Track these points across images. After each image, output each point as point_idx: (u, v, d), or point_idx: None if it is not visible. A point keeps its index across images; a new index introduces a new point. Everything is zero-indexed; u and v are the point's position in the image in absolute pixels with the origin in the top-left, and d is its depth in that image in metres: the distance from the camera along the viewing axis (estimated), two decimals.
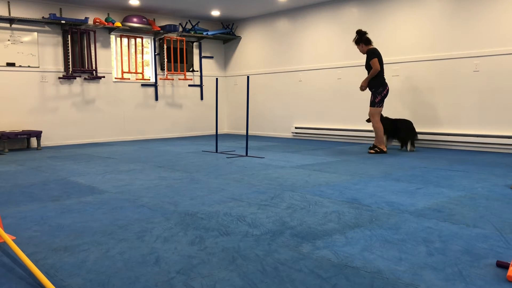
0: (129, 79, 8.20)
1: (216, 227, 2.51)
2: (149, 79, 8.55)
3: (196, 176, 4.22)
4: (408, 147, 6.02)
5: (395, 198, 3.19)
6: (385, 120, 6.13)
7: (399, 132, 6.03)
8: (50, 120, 7.29)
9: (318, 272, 1.85)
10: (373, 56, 5.69)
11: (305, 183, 3.81)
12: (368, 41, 5.82)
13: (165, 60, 8.50)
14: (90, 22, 7.52)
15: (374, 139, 6.48)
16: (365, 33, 5.83)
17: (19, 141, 7.03)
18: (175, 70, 8.64)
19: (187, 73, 8.94)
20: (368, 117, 6.40)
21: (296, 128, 8.18)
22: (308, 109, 8.03)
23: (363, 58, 7.13)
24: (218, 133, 7.64)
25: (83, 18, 7.45)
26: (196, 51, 9.11)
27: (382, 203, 3.04)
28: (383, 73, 5.80)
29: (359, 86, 5.92)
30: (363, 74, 7.14)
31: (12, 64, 6.85)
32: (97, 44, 7.73)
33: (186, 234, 2.39)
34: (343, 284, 1.73)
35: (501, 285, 1.70)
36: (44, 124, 7.22)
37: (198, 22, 8.90)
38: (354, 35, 7.22)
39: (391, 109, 6.80)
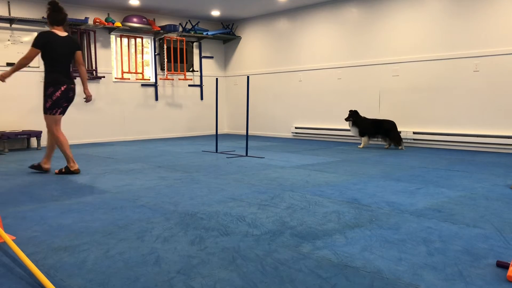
0: (129, 79, 8.19)
1: (216, 227, 2.51)
2: (149, 79, 8.55)
3: (196, 176, 4.21)
4: (401, 146, 6.21)
5: (395, 198, 3.19)
6: (364, 121, 6.35)
7: (388, 132, 6.22)
8: None
9: (318, 272, 1.85)
10: (34, 41, 4.10)
11: (305, 183, 3.81)
12: (55, 21, 4.20)
13: (165, 60, 8.50)
14: (90, 22, 7.51)
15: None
16: (59, 9, 4.20)
17: (19, 141, 7.02)
18: (175, 70, 8.64)
19: (187, 73, 8.94)
20: (347, 116, 6.47)
21: (296, 128, 8.18)
22: (308, 109, 8.03)
23: (363, 58, 7.15)
24: (218, 133, 7.64)
25: (83, 18, 7.45)
26: (196, 51, 9.10)
27: (382, 203, 3.04)
28: (60, 67, 4.22)
29: None
30: (364, 74, 7.15)
31: (12, 64, 6.85)
32: (97, 44, 7.73)
33: (186, 234, 2.39)
34: (343, 284, 1.73)
35: (501, 285, 1.70)
36: (44, 124, 7.21)
37: (198, 22, 8.90)
38: (354, 35, 7.24)
39: (388, 108, 6.80)
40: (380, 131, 6.26)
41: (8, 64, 6.82)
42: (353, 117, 6.39)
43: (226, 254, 2.07)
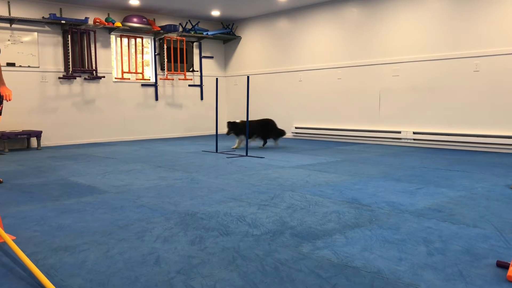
0: (129, 79, 8.19)
1: (216, 227, 2.51)
2: (149, 79, 8.55)
3: (196, 176, 4.21)
4: (275, 142, 6.60)
5: (395, 198, 3.19)
6: (243, 125, 6.32)
7: (269, 129, 6.52)
8: (50, 120, 7.28)
9: (318, 272, 1.85)
10: None
11: (305, 183, 3.81)
12: None
13: (165, 60, 8.50)
14: (90, 22, 7.51)
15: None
16: None
17: (19, 141, 7.02)
18: (175, 70, 8.64)
19: (187, 73, 8.93)
20: (227, 130, 6.53)
21: (296, 128, 8.18)
22: (308, 109, 8.02)
23: (363, 58, 7.14)
24: (218, 133, 7.64)
25: (83, 18, 7.45)
26: (196, 51, 9.10)
27: (382, 203, 3.04)
28: None
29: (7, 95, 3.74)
30: (364, 74, 7.15)
31: (12, 64, 6.85)
32: (97, 44, 7.73)
33: (186, 234, 2.39)
34: (343, 284, 1.73)
35: (501, 285, 1.70)
36: (44, 124, 7.22)
37: (198, 22, 8.90)
38: (354, 35, 7.24)
39: (389, 108, 6.80)
40: (262, 130, 6.51)
41: (8, 64, 6.82)
42: (233, 129, 6.38)
43: (226, 254, 2.07)
